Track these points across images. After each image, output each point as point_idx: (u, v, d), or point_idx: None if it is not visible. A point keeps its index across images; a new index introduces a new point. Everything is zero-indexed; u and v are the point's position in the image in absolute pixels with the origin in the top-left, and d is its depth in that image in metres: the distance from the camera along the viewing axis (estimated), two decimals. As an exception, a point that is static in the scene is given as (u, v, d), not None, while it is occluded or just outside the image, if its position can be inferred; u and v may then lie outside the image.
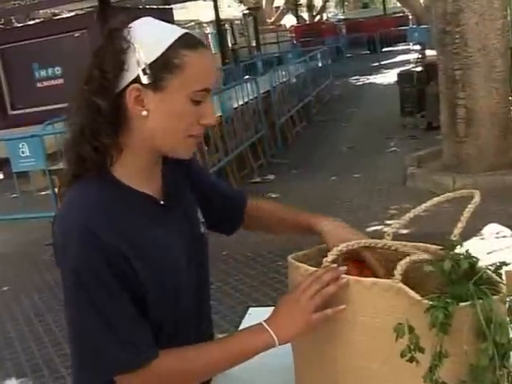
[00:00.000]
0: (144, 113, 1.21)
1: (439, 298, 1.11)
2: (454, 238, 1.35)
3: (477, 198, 1.41)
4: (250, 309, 2.04)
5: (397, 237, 1.44)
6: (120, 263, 1.20)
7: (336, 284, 1.25)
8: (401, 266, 1.24)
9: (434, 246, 1.40)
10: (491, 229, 5.29)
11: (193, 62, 1.20)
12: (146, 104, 1.21)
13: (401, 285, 1.20)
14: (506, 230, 5.53)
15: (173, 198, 1.36)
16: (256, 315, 1.86)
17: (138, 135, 1.24)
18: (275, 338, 1.25)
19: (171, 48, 1.20)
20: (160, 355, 1.23)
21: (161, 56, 1.19)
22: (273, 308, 1.33)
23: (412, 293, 1.17)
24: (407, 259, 1.28)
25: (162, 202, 1.33)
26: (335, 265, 1.29)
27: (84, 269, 1.18)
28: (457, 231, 1.38)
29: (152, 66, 1.19)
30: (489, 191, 5.57)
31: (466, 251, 1.25)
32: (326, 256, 1.36)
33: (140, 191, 1.29)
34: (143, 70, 1.19)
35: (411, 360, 1.10)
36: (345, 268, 1.28)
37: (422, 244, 1.44)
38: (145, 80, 1.19)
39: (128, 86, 1.20)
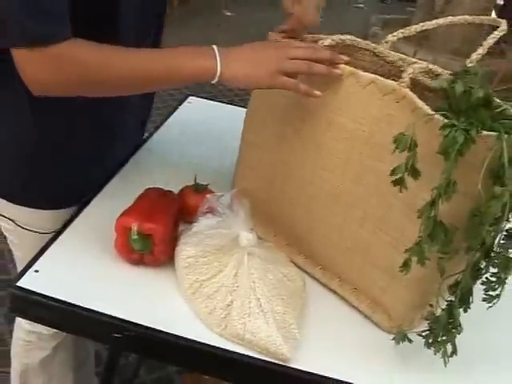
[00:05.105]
0: None
1: (458, 118, 0.83)
2: (469, 64, 1.06)
3: (503, 27, 1.14)
4: (190, 97, 1.84)
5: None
6: None
7: (329, 69, 0.96)
8: (412, 69, 0.94)
9: (440, 69, 1.12)
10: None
11: None
12: None
13: (408, 91, 0.91)
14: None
15: None
16: (196, 104, 1.80)
17: None
18: (218, 69, 0.98)
19: None
20: (76, 39, 0.96)
21: None
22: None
23: (421, 103, 0.88)
24: (419, 64, 0.99)
25: None
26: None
27: None
28: (474, 56, 1.09)
29: None
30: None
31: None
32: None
33: None
34: None
35: (397, 182, 0.83)
36: (346, 58, 0.98)
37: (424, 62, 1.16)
38: None
39: None
